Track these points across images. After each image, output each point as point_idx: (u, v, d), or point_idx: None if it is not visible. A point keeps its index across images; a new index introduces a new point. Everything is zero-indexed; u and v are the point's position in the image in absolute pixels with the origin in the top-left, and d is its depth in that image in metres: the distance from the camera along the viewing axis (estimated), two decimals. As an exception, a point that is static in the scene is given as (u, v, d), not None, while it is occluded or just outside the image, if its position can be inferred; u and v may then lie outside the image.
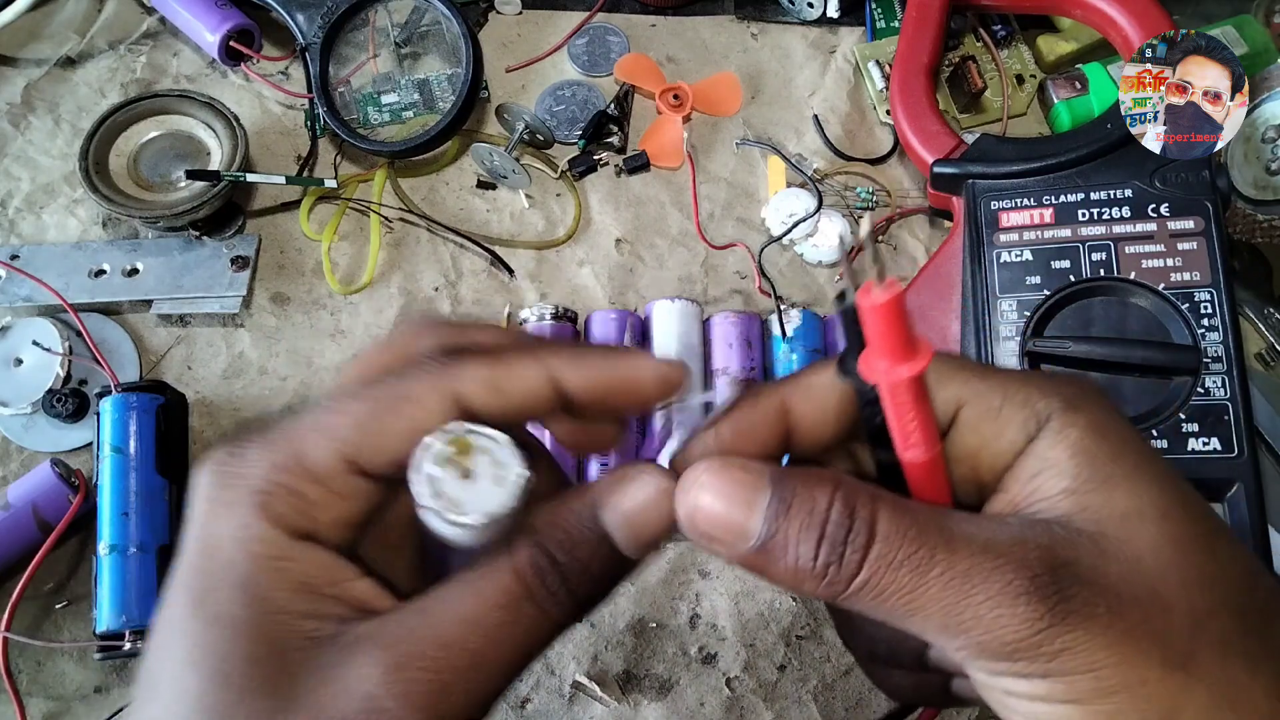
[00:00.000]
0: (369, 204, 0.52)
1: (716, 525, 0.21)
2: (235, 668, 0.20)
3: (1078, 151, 0.45)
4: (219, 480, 0.22)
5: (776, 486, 0.21)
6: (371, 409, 0.22)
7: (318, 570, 0.21)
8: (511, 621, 0.21)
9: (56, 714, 0.44)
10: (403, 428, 0.22)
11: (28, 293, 0.50)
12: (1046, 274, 0.44)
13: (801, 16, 0.58)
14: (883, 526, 0.20)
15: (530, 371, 0.22)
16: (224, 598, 0.21)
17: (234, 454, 0.22)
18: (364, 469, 0.22)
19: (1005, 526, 0.21)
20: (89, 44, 0.57)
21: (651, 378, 0.23)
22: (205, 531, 0.22)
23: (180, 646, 0.21)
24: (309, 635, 0.21)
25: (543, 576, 0.21)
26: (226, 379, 0.50)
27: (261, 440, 0.22)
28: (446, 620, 0.21)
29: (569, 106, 0.56)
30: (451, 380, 0.22)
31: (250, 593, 0.21)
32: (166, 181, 0.52)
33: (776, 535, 0.21)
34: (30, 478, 0.45)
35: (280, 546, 0.21)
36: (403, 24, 0.56)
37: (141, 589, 0.42)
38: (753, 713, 0.44)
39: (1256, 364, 0.48)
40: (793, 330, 0.47)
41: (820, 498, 0.21)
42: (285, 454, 0.22)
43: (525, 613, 0.21)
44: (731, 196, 0.54)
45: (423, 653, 0.20)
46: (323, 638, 0.21)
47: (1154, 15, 0.49)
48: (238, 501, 0.21)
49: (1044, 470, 0.22)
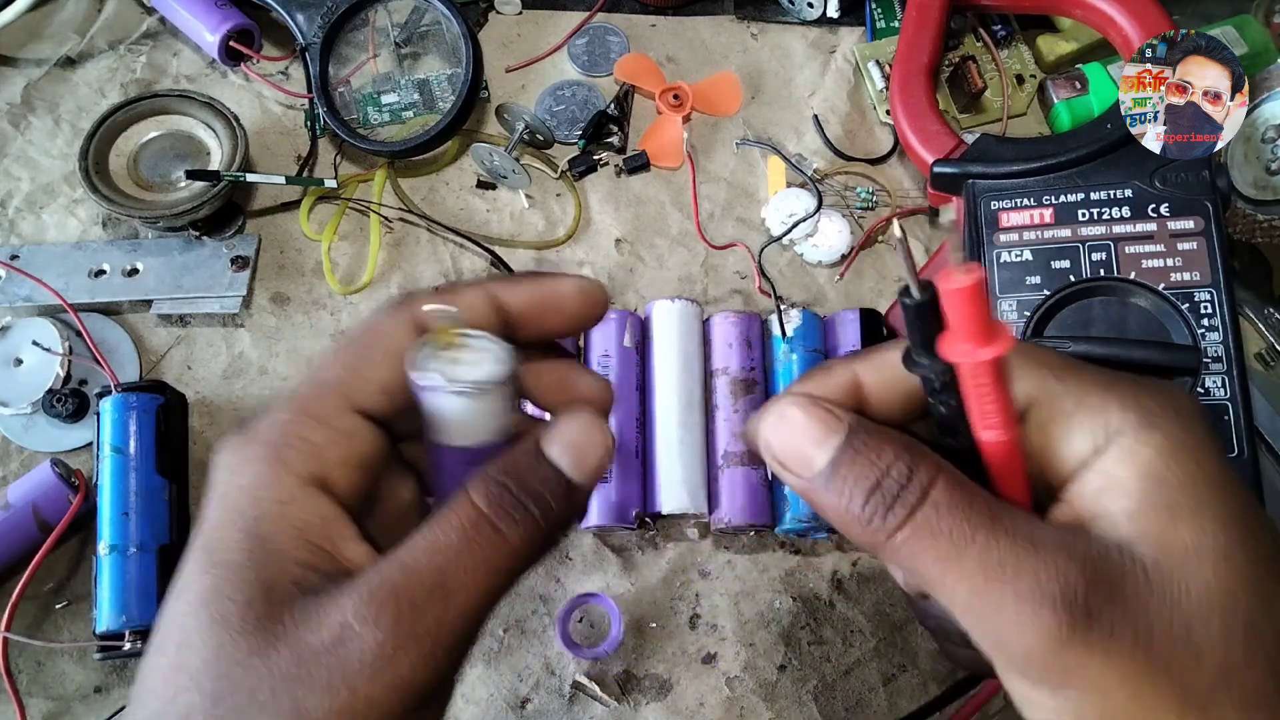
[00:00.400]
0: (369, 204, 0.52)
1: (789, 452, 0.23)
2: (232, 610, 0.22)
3: (1078, 151, 0.45)
4: (235, 448, 0.24)
5: (851, 433, 0.23)
6: (353, 350, 0.25)
7: (318, 520, 0.23)
8: (472, 543, 0.23)
9: (56, 714, 0.44)
10: (380, 356, 0.25)
11: (28, 293, 0.50)
12: (1046, 274, 0.44)
13: (801, 16, 0.58)
14: (936, 493, 0.21)
15: (474, 293, 0.26)
16: (229, 543, 0.23)
17: (244, 428, 0.25)
18: (360, 405, 0.25)
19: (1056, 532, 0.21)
20: (89, 44, 0.57)
21: (573, 290, 0.26)
22: (222, 490, 0.24)
23: (187, 598, 0.22)
24: (297, 581, 0.22)
25: (498, 501, 0.23)
26: (226, 379, 0.50)
27: (269, 410, 0.25)
28: (413, 551, 0.23)
29: (569, 106, 0.56)
30: (408, 309, 0.25)
31: (253, 534, 0.23)
32: (166, 181, 0.52)
33: (836, 475, 0.22)
34: (30, 478, 0.45)
35: (288, 490, 0.23)
36: (403, 24, 0.56)
37: (141, 589, 0.42)
38: (753, 713, 0.44)
39: (1256, 364, 0.48)
40: (793, 330, 0.47)
41: (887, 452, 0.22)
42: (292, 410, 0.24)
43: (485, 535, 0.23)
44: (731, 196, 0.54)
45: (390, 580, 0.22)
46: (308, 587, 0.22)
47: (1154, 15, 0.49)
48: (253, 457, 0.24)
49: (1109, 488, 0.21)
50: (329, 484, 0.24)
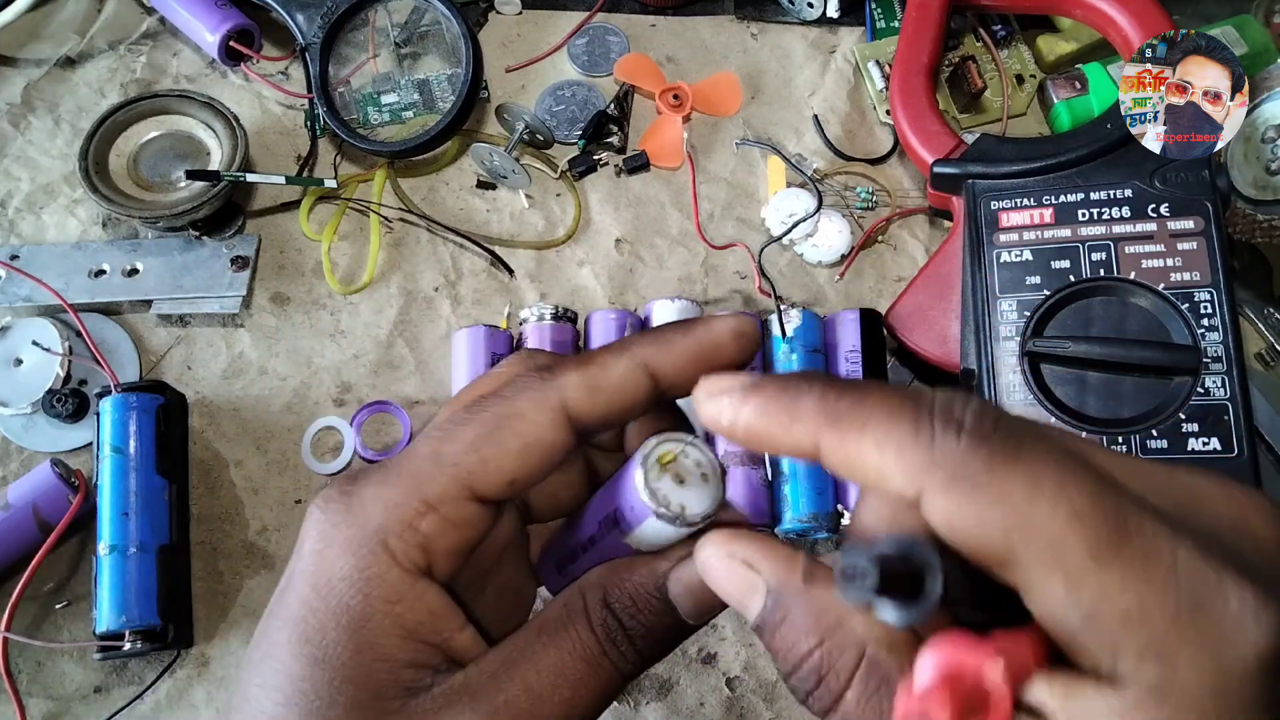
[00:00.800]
0: (369, 204, 0.52)
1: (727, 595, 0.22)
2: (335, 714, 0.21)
3: (1078, 151, 0.45)
4: (335, 519, 0.22)
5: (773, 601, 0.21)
6: (482, 432, 0.22)
7: (428, 617, 0.22)
8: (593, 674, 0.22)
9: (56, 714, 0.44)
10: (515, 446, 0.22)
11: (28, 293, 0.50)
12: (1046, 274, 0.44)
13: (801, 16, 0.58)
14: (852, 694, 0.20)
15: (622, 364, 0.23)
16: (331, 640, 0.21)
17: (348, 493, 0.23)
18: (480, 494, 0.22)
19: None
20: (89, 44, 0.57)
21: (729, 337, 0.24)
22: (318, 569, 0.22)
23: (280, 684, 0.21)
24: (408, 685, 0.21)
25: (613, 637, 0.22)
26: (226, 379, 0.50)
27: (376, 478, 0.23)
28: (535, 671, 0.22)
29: (569, 106, 0.56)
30: (552, 391, 0.22)
31: (360, 638, 0.21)
32: (166, 181, 0.52)
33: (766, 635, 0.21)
34: (30, 478, 0.45)
35: (397, 588, 0.22)
36: (403, 24, 0.56)
37: (141, 589, 0.42)
38: (753, 713, 0.44)
39: (1256, 364, 0.48)
40: (793, 330, 0.47)
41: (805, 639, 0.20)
42: (403, 489, 0.22)
43: (603, 666, 0.22)
44: (731, 196, 0.54)
45: (516, 704, 0.21)
46: (419, 689, 0.21)
47: (1154, 15, 0.49)
48: (356, 540, 0.22)
49: None
50: (436, 573, 0.22)
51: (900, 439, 0.18)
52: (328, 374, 0.50)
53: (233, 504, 0.47)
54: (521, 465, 0.22)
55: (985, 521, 0.17)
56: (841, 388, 0.20)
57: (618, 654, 0.23)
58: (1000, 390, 0.43)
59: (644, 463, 0.22)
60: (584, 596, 0.23)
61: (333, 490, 0.23)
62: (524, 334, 0.49)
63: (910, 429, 0.18)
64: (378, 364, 0.50)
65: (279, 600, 0.22)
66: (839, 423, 0.19)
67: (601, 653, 0.22)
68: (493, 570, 0.26)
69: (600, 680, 0.22)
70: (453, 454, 0.22)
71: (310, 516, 0.23)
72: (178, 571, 0.44)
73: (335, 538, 0.22)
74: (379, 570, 0.21)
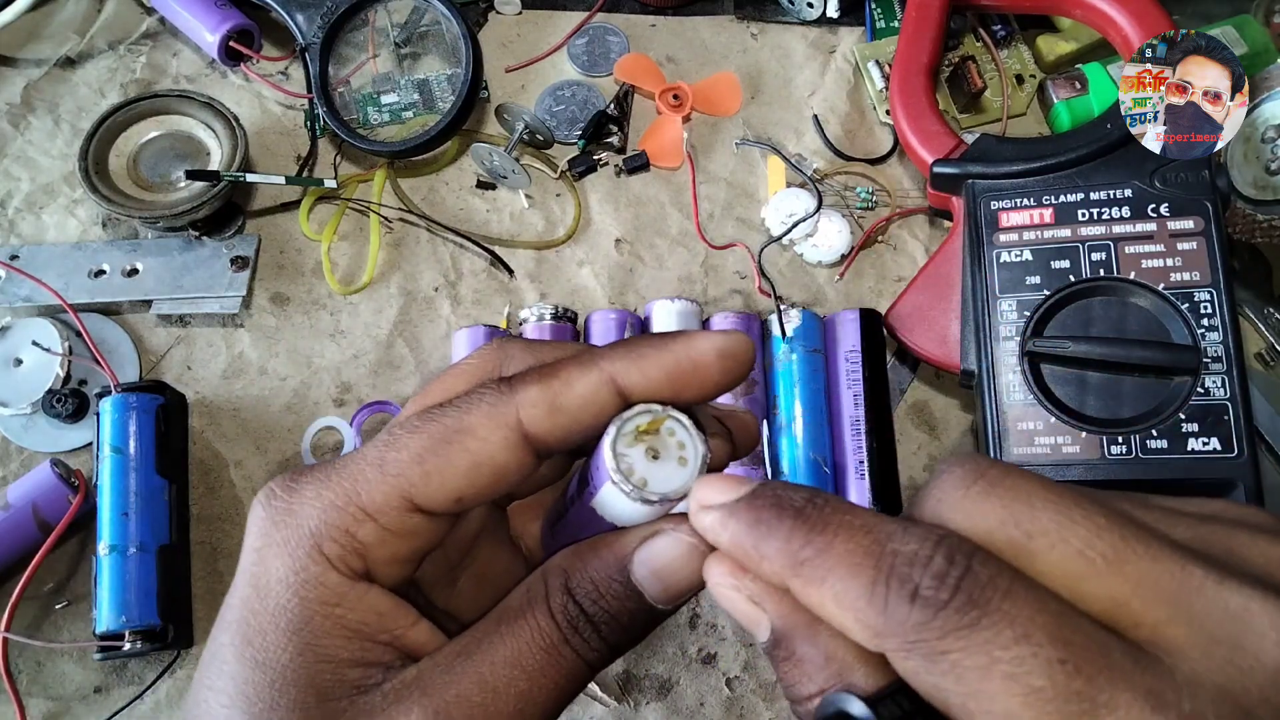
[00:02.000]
0: (369, 204, 0.52)
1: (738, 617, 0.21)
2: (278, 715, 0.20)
3: (1078, 151, 0.45)
4: (273, 516, 0.22)
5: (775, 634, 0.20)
6: (430, 445, 0.21)
7: (373, 617, 0.21)
8: (553, 663, 0.21)
9: (56, 714, 0.44)
10: (463, 464, 0.21)
11: (28, 293, 0.50)
12: (1046, 274, 0.44)
13: (801, 16, 0.58)
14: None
15: (588, 381, 0.21)
16: (272, 642, 0.21)
17: (291, 489, 0.22)
18: (422, 507, 0.21)
19: None
20: (89, 44, 0.57)
21: (713, 358, 0.21)
22: (258, 570, 0.21)
23: (225, 686, 0.21)
24: (355, 684, 0.21)
25: (575, 624, 0.21)
26: (226, 379, 0.50)
27: (318, 477, 0.22)
28: (489, 662, 0.21)
29: (569, 106, 0.56)
30: (509, 408, 0.21)
31: (300, 640, 0.21)
32: (166, 181, 0.52)
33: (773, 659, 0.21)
34: (30, 478, 0.45)
35: (336, 590, 0.21)
36: (402, 24, 0.56)
37: (141, 589, 0.42)
38: (753, 713, 0.44)
39: (1256, 364, 0.48)
40: (792, 330, 0.47)
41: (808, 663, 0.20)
42: (341, 493, 0.21)
43: (564, 655, 0.21)
44: (731, 196, 0.54)
45: (468, 697, 0.20)
46: (369, 686, 0.21)
47: (1154, 15, 0.49)
48: (292, 541, 0.21)
49: None
50: (376, 577, 0.22)
51: (856, 600, 0.17)
52: (328, 374, 0.50)
53: (233, 504, 0.47)
54: (469, 484, 0.21)
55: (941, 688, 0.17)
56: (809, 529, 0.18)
57: (580, 642, 0.21)
58: (1000, 390, 0.43)
59: (619, 424, 0.21)
60: (545, 581, 0.22)
61: (276, 485, 0.22)
62: (524, 334, 0.49)
63: (866, 590, 0.17)
64: (378, 364, 0.50)
65: (227, 599, 0.22)
66: (802, 572, 0.18)
67: (562, 640, 0.21)
68: (462, 563, 0.25)
69: (561, 670, 0.21)
70: (397, 463, 0.21)
71: (253, 512, 0.22)
72: (178, 571, 0.44)
73: (274, 537, 0.21)
74: (315, 574, 0.21)
